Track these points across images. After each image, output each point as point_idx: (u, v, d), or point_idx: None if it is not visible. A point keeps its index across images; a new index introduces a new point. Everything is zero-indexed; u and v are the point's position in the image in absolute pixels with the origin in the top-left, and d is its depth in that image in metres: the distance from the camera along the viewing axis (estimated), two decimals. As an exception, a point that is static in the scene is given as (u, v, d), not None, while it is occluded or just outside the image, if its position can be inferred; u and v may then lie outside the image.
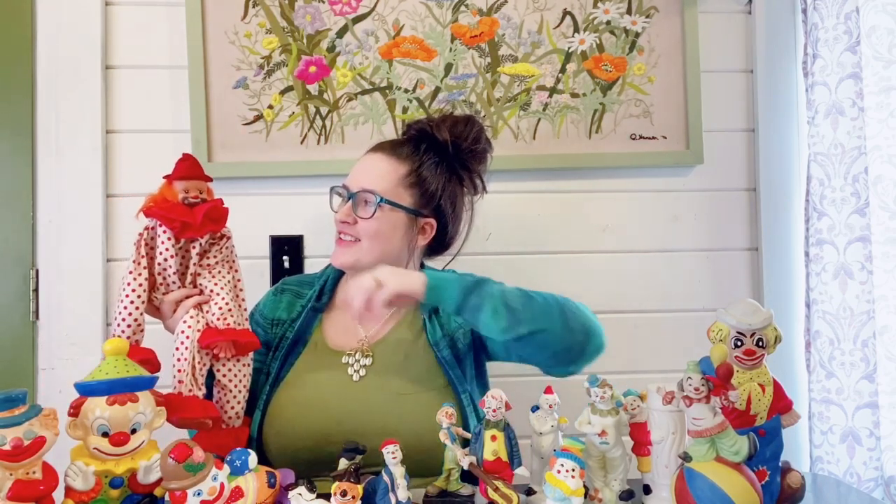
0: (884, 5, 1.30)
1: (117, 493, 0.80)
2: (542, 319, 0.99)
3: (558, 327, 0.99)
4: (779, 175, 1.60)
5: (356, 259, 1.13)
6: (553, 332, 0.99)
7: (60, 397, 1.44)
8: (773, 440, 0.84)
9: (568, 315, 1.01)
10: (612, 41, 1.58)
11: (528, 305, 0.99)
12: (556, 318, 1.00)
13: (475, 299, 0.98)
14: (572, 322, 1.01)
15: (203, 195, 1.01)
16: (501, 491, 0.79)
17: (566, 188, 1.59)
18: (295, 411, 1.08)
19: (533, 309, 0.99)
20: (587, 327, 1.02)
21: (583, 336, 1.02)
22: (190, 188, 1.00)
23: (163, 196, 1.00)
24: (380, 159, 1.16)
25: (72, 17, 1.50)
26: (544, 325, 0.99)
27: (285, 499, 0.80)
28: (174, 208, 0.99)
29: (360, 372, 1.10)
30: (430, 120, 1.23)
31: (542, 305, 1.00)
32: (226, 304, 1.00)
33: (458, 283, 1.00)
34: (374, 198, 1.12)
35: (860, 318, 1.35)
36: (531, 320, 0.98)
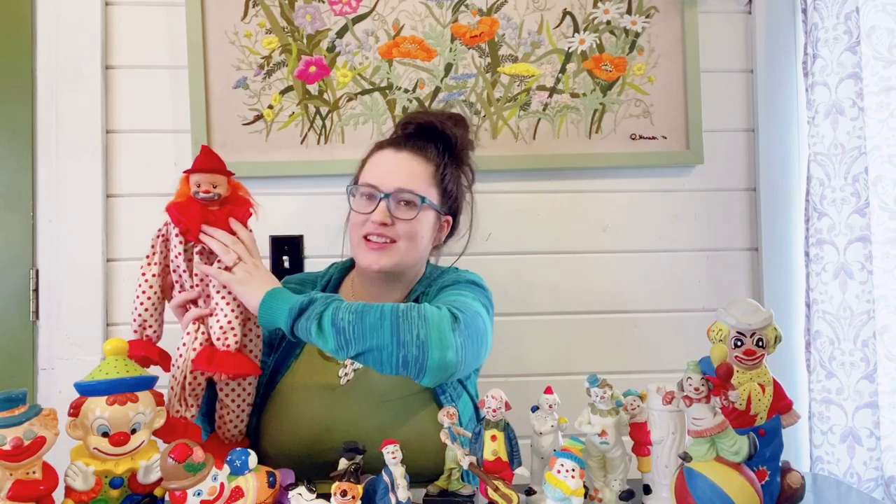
0: (884, 5, 1.30)
1: (117, 493, 0.80)
2: (371, 337, 0.92)
3: (387, 342, 0.92)
4: (779, 175, 1.60)
5: (396, 262, 1.11)
6: (384, 349, 0.92)
7: (60, 397, 1.44)
8: (773, 440, 0.84)
9: (401, 328, 0.92)
10: (612, 41, 1.58)
11: (358, 323, 0.93)
12: (385, 333, 0.92)
13: (304, 321, 0.94)
14: (404, 335, 0.92)
15: (218, 190, 0.97)
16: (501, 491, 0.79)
17: (566, 188, 1.59)
18: (286, 418, 1.07)
19: (363, 326, 0.92)
20: (421, 339, 0.92)
21: (417, 350, 0.91)
22: (202, 182, 0.96)
23: (180, 192, 0.98)
24: (410, 159, 1.14)
25: (72, 17, 1.50)
26: (373, 343, 0.92)
27: (285, 499, 0.80)
28: (185, 206, 0.96)
29: (348, 375, 1.09)
30: (430, 116, 1.22)
31: (374, 321, 0.93)
32: (227, 322, 0.96)
33: (288, 304, 0.95)
34: (417, 198, 1.11)
35: (860, 318, 1.35)
36: (359, 338, 0.92)
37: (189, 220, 0.96)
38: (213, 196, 0.97)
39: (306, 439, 1.04)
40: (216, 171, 0.97)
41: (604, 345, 1.58)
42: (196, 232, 0.96)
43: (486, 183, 1.56)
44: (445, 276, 1.18)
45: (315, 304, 0.95)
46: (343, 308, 0.95)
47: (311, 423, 1.05)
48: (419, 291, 1.16)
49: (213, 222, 0.97)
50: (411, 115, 1.27)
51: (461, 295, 1.07)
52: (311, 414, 1.06)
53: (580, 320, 1.58)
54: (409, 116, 1.25)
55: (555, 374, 1.55)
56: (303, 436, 1.05)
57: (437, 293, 1.12)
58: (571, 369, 1.55)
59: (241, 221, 1.01)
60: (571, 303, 1.58)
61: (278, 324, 0.95)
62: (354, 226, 1.13)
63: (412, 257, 1.14)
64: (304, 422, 1.06)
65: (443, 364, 0.93)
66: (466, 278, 1.16)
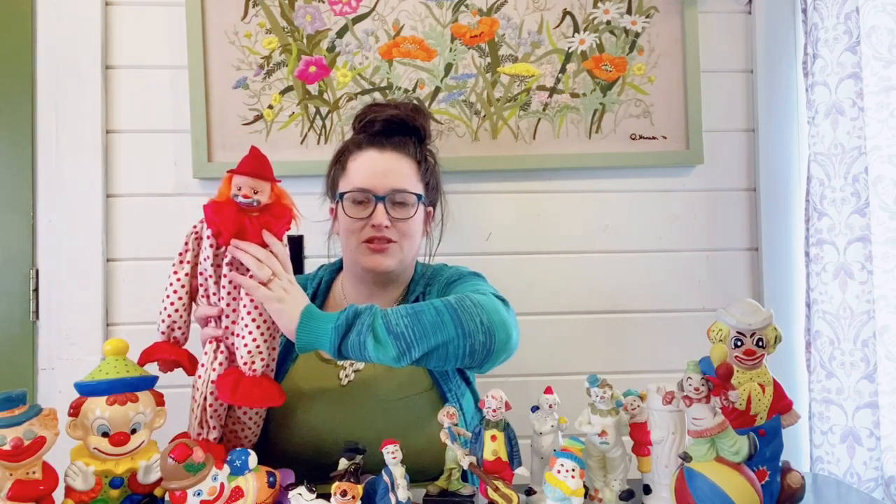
0: (884, 5, 1.30)
1: (117, 493, 0.80)
2: (435, 334, 0.91)
3: (453, 336, 0.92)
4: (779, 175, 1.60)
5: (399, 260, 1.12)
6: (451, 343, 0.92)
7: (60, 397, 1.44)
8: (773, 440, 0.84)
9: (463, 319, 0.93)
10: (612, 41, 1.58)
11: (416, 324, 0.92)
12: (449, 327, 0.92)
13: (354, 336, 0.91)
14: (468, 325, 0.93)
15: (259, 196, 0.91)
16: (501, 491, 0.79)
17: (566, 188, 1.59)
18: (290, 423, 1.06)
19: (423, 326, 0.91)
20: (486, 325, 0.94)
21: (484, 336, 0.93)
22: (243, 186, 0.91)
23: (221, 192, 0.93)
24: (396, 158, 1.13)
25: (72, 17, 1.50)
26: (439, 340, 0.91)
27: (285, 499, 0.80)
28: (221, 207, 0.91)
29: (349, 377, 1.09)
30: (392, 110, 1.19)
31: (433, 319, 0.92)
32: (255, 345, 0.91)
33: (330, 322, 0.92)
34: (413, 197, 1.12)
35: (860, 318, 1.35)
36: (423, 338, 0.91)
37: (222, 223, 0.91)
38: (253, 202, 0.91)
39: (311, 443, 1.04)
40: (260, 176, 0.92)
41: (604, 345, 1.58)
42: (227, 237, 0.91)
43: (486, 183, 1.57)
44: (444, 272, 1.18)
45: (362, 317, 0.92)
46: (392, 314, 0.93)
47: (315, 426, 1.05)
48: (418, 291, 1.16)
49: (247, 229, 0.92)
50: (372, 110, 1.21)
51: (478, 284, 1.09)
52: (315, 418, 1.05)
53: (580, 320, 1.58)
54: (370, 113, 1.20)
55: (555, 374, 1.55)
56: (308, 440, 1.04)
57: (446, 289, 1.12)
58: (571, 369, 1.55)
59: (277, 235, 0.95)
60: (571, 303, 1.58)
61: (321, 345, 0.92)
62: (351, 231, 1.12)
63: (411, 255, 1.15)
64: (308, 426, 1.05)
65: (508, 345, 0.97)
66: (468, 271, 1.18)
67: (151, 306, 1.43)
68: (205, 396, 0.92)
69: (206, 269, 0.93)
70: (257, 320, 0.92)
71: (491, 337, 0.94)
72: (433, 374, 1.09)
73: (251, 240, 0.92)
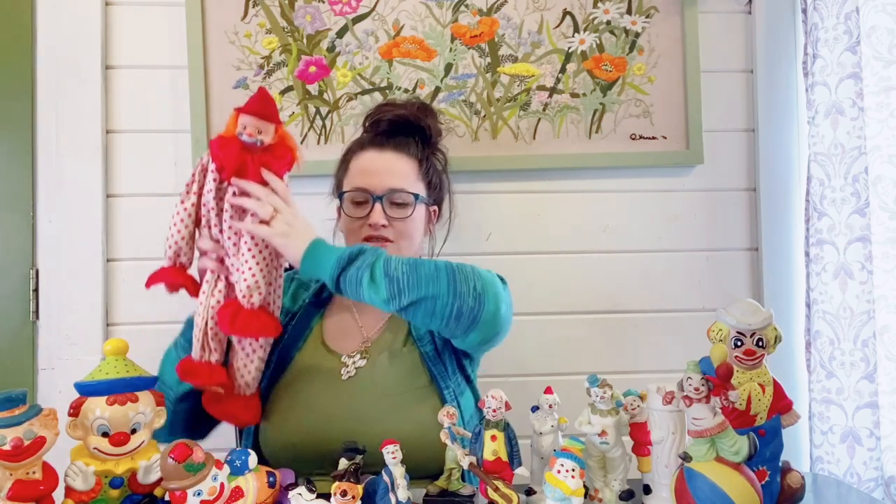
0: (884, 5, 1.30)
1: (117, 493, 0.80)
2: (427, 286, 0.93)
3: (444, 292, 0.93)
4: (779, 175, 1.60)
5: None
6: (440, 298, 0.93)
7: (60, 397, 1.44)
8: (773, 440, 0.84)
9: (458, 279, 0.95)
10: (612, 41, 1.58)
11: (413, 273, 0.94)
12: (441, 283, 0.94)
13: (353, 271, 0.93)
14: (460, 286, 0.95)
15: (262, 136, 0.93)
16: (501, 491, 0.79)
17: (566, 188, 1.59)
18: (289, 406, 1.08)
19: (418, 276, 0.94)
20: (479, 291, 0.95)
21: (473, 301, 0.95)
22: (248, 125, 0.93)
23: (229, 127, 0.95)
24: (395, 157, 1.15)
25: (72, 17, 1.50)
26: (429, 292, 0.93)
27: (285, 499, 0.80)
28: (225, 143, 0.93)
29: (350, 372, 1.09)
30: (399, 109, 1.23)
31: (429, 272, 0.95)
32: (254, 280, 0.94)
33: (336, 254, 0.95)
34: (410, 196, 1.13)
35: (860, 318, 1.35)
36: (415, 287, 0.93)
37: (225, 159, 0.93)
38: (256, 142, 0.93)
39: (307, 428, 1.04)
40: (265, 117, 0.94)
41: (604, 345, 1.58)
42: (230, 172, 0.94)
43: (486, 183, 1.57)
44: None
45: (365, 255, 0.95)
46: (394, 259, 0.96)
47: (314, 411, 1.06)
48: None
49: (249, 167, 0.94)
50: (379, 110, 1.25)
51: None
52: (314, 403, 1.06)
53: (580, 320, 1.58)
54: (377, 113, 1.24)
55: (555, 374, 1.55)
56: (304, 424, 1.05)
57: None
58: (571, 369, 1.55)
59: (278, 174, 0.97)
60: (571, 303, 1.58)
61: (322, 274, 0.95)
62: (350, 230, 1.14)
63: (410, 254, 1.15)
64: (306, 410, 1.06)
65: (496, 317, 0.98)
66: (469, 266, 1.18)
67: (151, 306, 1.44)
68: (206, 321, 0.96)
69: (209, 202, 0.95)
70: (256, 257, 0.95)
71: (480, 304, 0.95)
72: (432, 371, 1.09)
73: (252, 178, 0.94)
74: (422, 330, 1.12)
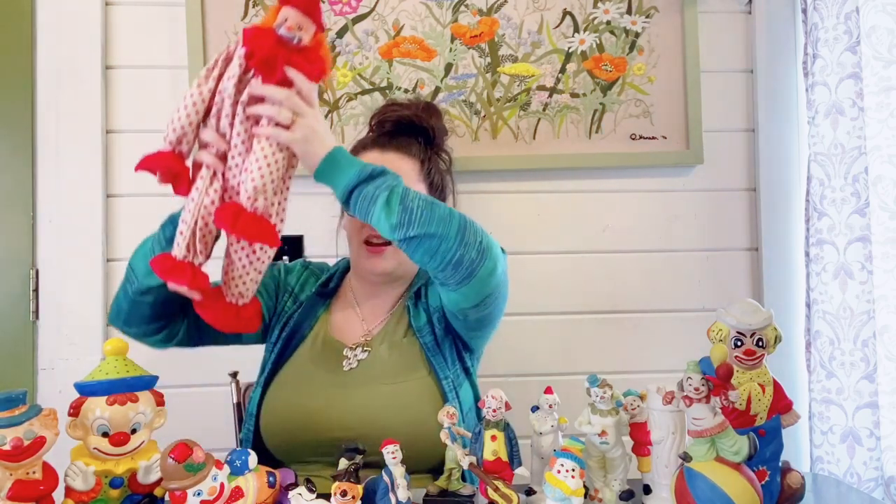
0: (884, 5, 1.30)
1: (117, 493, 0.80)
2: (437, 224, 0.92)
3: (452, 236, 0.93)
4: (779, 175, 1.60)
5: (398, 262, 1.13)
6: (445, 240, 0.93)
7: (60, 397, 1.44)
8: (773, 440, 0.84)
9: (467, 229, 0.95)
10: (612, 41, 1.58)
11: (427, 209, 0.93)
12: (452, 227, 0.94)
13: (371, 188, 0.91)
14: (468, 236, 0.95)
15: (301, 33, 0.88)
16: (501, 491, 0.79)
17: (566, 188, 1.59)
18: (288, 390, 1.09)
19: (431, 213, 0.93)
20: (484, 246, 0.97)
21: (476, 253, 0.96)
22: (290, 18, 0.87)
23: (268, 19, 0.89)
24: (397, 159, 1.15)
25: (72, 17, 1.51)
26: (437, 231, 0.92)
27: (285, 499, 0.79)
28: (261, 32, 0.87)
29: (352, 364, 1.10)
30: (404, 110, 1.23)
31: (443, 213, 0.94)
32: (262, 181, 0.88)
33: (358, 166, 0.93)
34: None
35: (860, 318, 1.35)
36: (426, 222, 0.92)
37: (258, 45, 0.87)
38: (294, 38, 0.87)
39: (308, 415, 1.05)
40: (310, 13, 0.88)
41: (604, 345, 1.58)
42: (258, 60, 0.87)
43: (486, 183, 1.57)
44: None
45: (386, 177, 0.93)
46: (412, 192, 0.94)
47: (315, 400, 1.06)
48: (420, 283, 1.17)
49: (278, 60, 0.88)
50: (384, 111, 1.26)
51: None
52: (316, 392, 1.07)
53: (580, 320, 1.58)
54: (382, 113, 1.25)
55: (555, 374, 1.55)
56: (305, 412, 1.05)
57: None
58: (571, 369, 1.55)
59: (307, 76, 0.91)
60: (571, 303, 1.58)
61: (338, 181, 0.92)
62: (352, 232, 1.15)
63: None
64: (308, 398, 1.06)
65: (492, 276, 0.99)
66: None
67: (151, 306, 1.44)
68: (196, 220, 0.90)
69: (227, 88, 0.89)
70: (269, 157, 0.89)
71: (481, 258, 0.96)
72: (431, 362, 1.10)
73: (278, 75, 0.88)
74: (422, 320, 1.12)
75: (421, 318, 1.13)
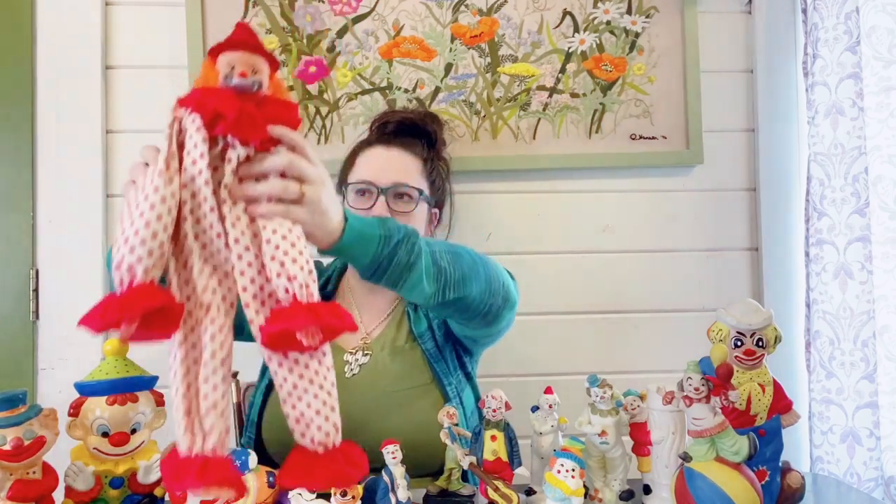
0: (884, 5, 1.30)
1: (117, 493, 0.80)
2: (470, 282, 0.88)
3: (483, 289, 0.90)
4: (779, 175, 1.60)
5: None
6: (479, 295, 0.89)
7: (60, 397, 1.44)
8: (773, 440, 0.84)
9: (491, 277, 0.92)
10: (612, 41, 1.58)
11: (457, 264, 0.86)
12: (482, 279, 0.90)
13: (403, 254, 0.77)
14: (494, 284, 0.93)
15: (259, 77, 0.65)
16: (501, 491, 0.79)
17: (566, 188, 1.59)
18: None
19: (462, 268, 0.86)
20: (506, 289, 0.95)
21: (501, 300, 0.95)
22: (237, 63, 0.65)
23: (204, 78, 0.67)
24: (401, 154, 1.17)
25: (72, 17, 1.50)
26: (471, 289, 0.88)
27: (285, 499, 0.80)
28: (215, 93, 0.65)
29: (354, 370, 1.10)
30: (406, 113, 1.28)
31: (470, 264, 0.88)
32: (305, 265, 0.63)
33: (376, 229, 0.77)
34: (414, 191, 1.14)
35: (860, 318, 1.35)
36: (461, 282, 0.86)
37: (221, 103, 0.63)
38: (252, 84, 0.64)
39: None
40: (257, 49, 0.66)
41: (604, 345, 1.58)
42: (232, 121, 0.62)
43: (486, 183, 1.57)
44: None
45: (414, 237, 0.80)
46: (435, 244, 0.85)
47: None
48: None
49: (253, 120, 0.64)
50: (386, 114, 1.28)
51: None
52: None
53: (580, 320, 1.58)
54: (384, 116, 1.28)
55: (555, 374, 1.55)
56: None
57: None
58: (571, 369, 1.55)
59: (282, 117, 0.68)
60: (571, 303, 1.58)
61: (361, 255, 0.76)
62: None
63: None
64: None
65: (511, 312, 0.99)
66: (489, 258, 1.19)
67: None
68: (182, 393, 0.61)
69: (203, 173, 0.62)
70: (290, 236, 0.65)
71: (505, 302, 0.97)
72: (434, 368, 1.09)
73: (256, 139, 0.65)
74: (423, 326, 1.12)
75: (422, 324, 1.12)
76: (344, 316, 0.64)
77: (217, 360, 0.64)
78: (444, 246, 0.88)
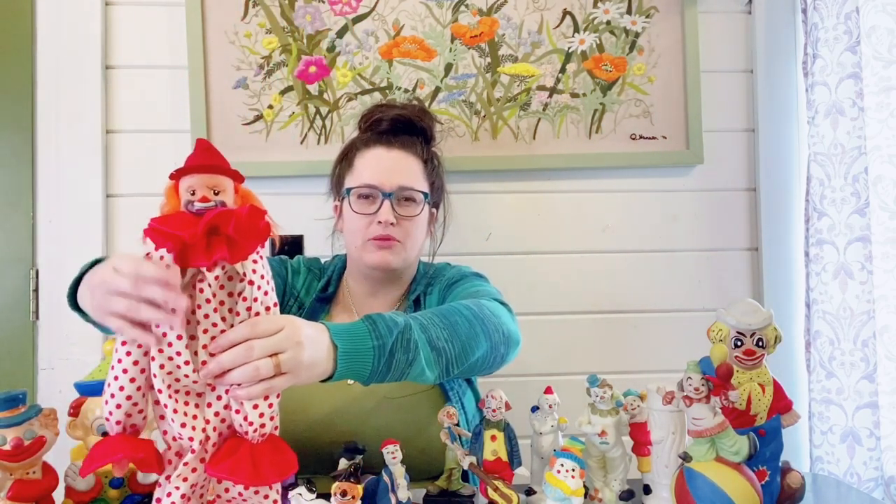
0: (884, 5, 1.30)
1: (117, 493, 0.80)
2: (472, 350, 0.88)
3: (486, 349, 0.90)
4: (779, 175, 1.60)
5: (404, 258, 1.13)
6: (483, 356, 0.90)
7: (60, 397, 1.44)
8: (773, 440, 0.84)
9: (490, 330, 0.91)
10: (612, 41, 1.58)
11: (455, 338, 0.86)
12: (482, 340, 0.89)
13: (401, 355, 0.79)
14: (494, 336, 0.92)
15: (221, 198, 0.66)
16: (501, 491, 0.79)
17: (566, 188, 1.59)
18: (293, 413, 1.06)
19: (461, 339, 0.86)
20: (506, 336, 0.94)
21: (505, 348, 0.94)
22: (197, 187, 0.65)
23: (169, 205, 0.69)
24: (403, 156, 1.15)
25: (72, 17, 1.50)
26: (474, 355, 0.88)
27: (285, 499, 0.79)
28: (175, 217, 0.66)
29: None
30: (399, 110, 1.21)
31: (467, 330, 0.88)
32: (256, 412, 0.67)
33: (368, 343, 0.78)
34: (420, 195, 1.13)
35: (860, 318, 1.35)
36: (462, 355, 0.87)
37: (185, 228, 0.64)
38: (214, 206, 0.66)
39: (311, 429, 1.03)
40: (218, 169, 0.67)
41: (604, 345, 1.58)
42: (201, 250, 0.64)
43: (486, 183, 1.57)
44: (445, 272, 1.19)
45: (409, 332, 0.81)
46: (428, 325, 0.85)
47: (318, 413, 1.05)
48: (419, 291, 1.16)
49: (217, 250, 0.64)
50: (378, 110, 1.21)
51: (480, 286, 1.09)
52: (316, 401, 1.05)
53: (580, 320, 1.58)
54: (376, 112, 1.21)
55: (555, 374, 1.55)
56: (304, 420, 1.04)
57: (448, 289, 1.13)
58: (571, 369, 1.55)
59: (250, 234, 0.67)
60: (571, 303, 1.58)
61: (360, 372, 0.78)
62: (356, 228, 1.12)
63: (415, 253, 1.16)
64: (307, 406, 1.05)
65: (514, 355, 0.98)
66: (470, 271, 1.18)
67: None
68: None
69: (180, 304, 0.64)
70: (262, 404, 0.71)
71: (507, 347, 0.95)
72: None
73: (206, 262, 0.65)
74: None
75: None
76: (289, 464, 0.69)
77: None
78: (438, 319, 0.87)
